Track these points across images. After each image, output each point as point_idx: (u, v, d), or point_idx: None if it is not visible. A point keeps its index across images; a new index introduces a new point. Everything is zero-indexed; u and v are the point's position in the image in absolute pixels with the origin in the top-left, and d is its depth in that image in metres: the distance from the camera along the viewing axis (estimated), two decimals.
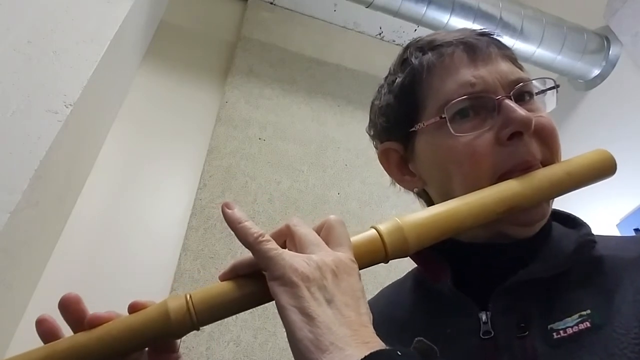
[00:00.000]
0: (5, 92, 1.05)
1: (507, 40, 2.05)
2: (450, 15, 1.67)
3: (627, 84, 1.77)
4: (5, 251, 0.95)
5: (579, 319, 0.41)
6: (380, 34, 2.21)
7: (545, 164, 0.47)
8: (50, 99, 1.09)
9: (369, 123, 0.60)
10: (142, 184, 1.42)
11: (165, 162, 1.49)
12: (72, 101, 1.11)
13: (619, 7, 1.80)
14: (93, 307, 0.36)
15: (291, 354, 0.32)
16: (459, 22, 1.69)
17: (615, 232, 1.61)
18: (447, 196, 0.51)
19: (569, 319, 0.41)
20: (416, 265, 0.56)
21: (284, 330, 0.32)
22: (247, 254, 0.37)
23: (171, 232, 1.35)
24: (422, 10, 1.65)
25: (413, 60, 0.53)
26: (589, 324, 0.40)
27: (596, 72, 1.87)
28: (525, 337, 0.42)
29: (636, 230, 1.56)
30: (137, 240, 1.31)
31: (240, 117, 1.62)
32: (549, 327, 0.41)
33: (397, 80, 0.55)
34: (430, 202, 0.56)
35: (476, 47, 0.50)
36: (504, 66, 0.49)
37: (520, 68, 0.52)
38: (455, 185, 0.49)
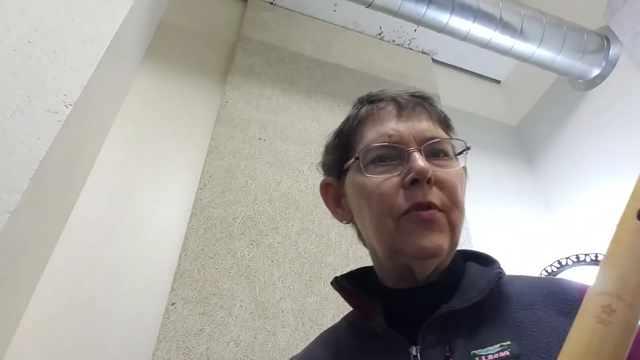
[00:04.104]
0: (5, 92, 1.05)
1: (507, 40, 2.02)
2: (450, 15, 1.67)
3: (627, 84, 1.77)
4: (5, 251, 0.95)
5: (500, 348, 0.47)
6: (380, 34, 2.21)
7: (445, 210, 0.53)
8: (50, 99, 1.09)
9: (320, 161, 0.69)
10: (142, 184, 1.41)
11: (165, 162, 1.49)
12: (72, 101, 1.11)
13: (619, 7, 1.80)
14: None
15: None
16: (459, 22, 1.69)
17: None
18: (363, 229, 0.59)
19: (491, 347, 0.47)
20: (351, 310, 0.63)
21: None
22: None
23: (171, 232, 1.35)
24: (422, 10, 1.65)
25: (353, 110, 0.63)
26: (508, 353, 0.46)
27: (596, 72, 1.87)
28: None
29: None
30: (137, 240, 1.31)
31: (240, 117, 1.62)
32: (472, 352, 0.47)
33: (341, 127, 0.65)
34: (359, 233, 0.64)
35: (403, 106, 0.58)
36: (425, 125, 0.57)
37: (447, 129, 0.60)
38: (365, 219, 0.56)
